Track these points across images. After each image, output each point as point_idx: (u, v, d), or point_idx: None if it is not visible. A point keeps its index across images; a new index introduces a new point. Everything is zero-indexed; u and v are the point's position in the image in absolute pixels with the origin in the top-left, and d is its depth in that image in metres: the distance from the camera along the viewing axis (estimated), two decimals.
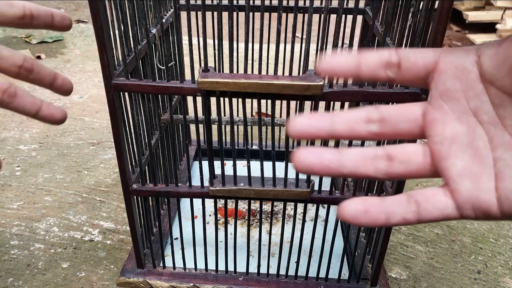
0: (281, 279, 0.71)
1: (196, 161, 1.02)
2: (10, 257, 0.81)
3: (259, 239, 0.67)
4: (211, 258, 0.74)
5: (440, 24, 0.48)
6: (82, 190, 0.98)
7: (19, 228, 0.88)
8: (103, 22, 0.51)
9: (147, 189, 0.64)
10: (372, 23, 0.53)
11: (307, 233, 0.81)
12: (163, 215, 0.82)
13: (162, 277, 0.71)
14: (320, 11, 0.77)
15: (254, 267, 0.74)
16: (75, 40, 1.84)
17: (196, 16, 0.83)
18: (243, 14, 0.82)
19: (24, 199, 0.95)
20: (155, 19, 0.68)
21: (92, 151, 1.12)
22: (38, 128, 1.21)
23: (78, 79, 1.50)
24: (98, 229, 0.88)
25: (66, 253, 0.82)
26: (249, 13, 0.49)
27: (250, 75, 0.52)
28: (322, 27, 0.51)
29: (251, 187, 0.60)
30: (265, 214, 0.87)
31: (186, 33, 0.53)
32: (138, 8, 0.55)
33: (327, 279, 0.70)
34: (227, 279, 0.71)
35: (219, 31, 0.50)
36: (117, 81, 0.55)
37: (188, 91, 0.54)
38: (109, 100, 0.56)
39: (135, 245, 0.69)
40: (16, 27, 0.40)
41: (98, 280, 0.76)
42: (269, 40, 0.88)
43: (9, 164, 1.06)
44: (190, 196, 0.64)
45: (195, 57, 1.70)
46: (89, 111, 1.31)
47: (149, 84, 0.55)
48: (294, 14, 0.50)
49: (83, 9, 2.36)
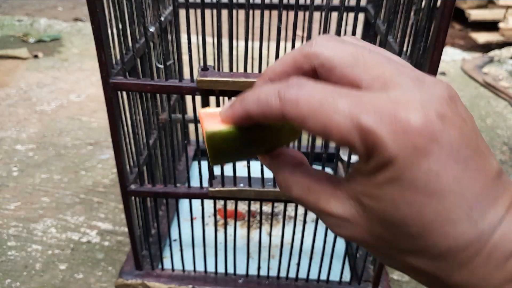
0: (282, 281, 0.70)
1: (195, 161, 1.01)
2: (7, 258, 0.80)
3: (259, 240, 0.66)
4: (210, 260, 0.73)
5: (442, 22, 0.47)
6: (79, 191, 0.97)
7: (16, 229, 0.87)
8: (101, 21, 0.50)
9: (145, 189, 0.63)
10: (374, 21, 0.52)
11: (308, 234, 0.80)
12: (161, 216, 0.81)
13: (161, 279, 0.70)
14: (321, 9, 0.76)
15: (254, 269, 0.73)
16: (73, 38, 1.83)
17: (195, 14, 0.82)
18: (243, 12, 0.82)
19: (21, 200, 0.94)
20: (154, 17, 0.67)
21: (90, 151, 1.11)
22: (35, 128, 1.20)
23: (76, 78, 1.49)
24: (96, 230, 0.87)
25: (64, 254, 0.81)
26: (249, 11, 0.48)
27: (250, 74, 0.51)
28: (323, 25, 0.50)
29: (251, 187, 0.59)
30: (265, 215, 0.86)
31: (185, 31, 0.53)
32: (136, 6, 0.54)
33: (328, 281, 0.70)
34: (227, 281, 0.70)
35: (219, 29, 0.49)
36: (115, 80, 0.54)
37: (187, 90, 0.54)
38: (107, 99, 0.55)
39: (133, 246, 0.68)
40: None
41: (96, 282, 0.76)
42: (269, 39, 0.87)
43: (6, 164, 1.05)
44: (189, 197, 0.63)
45: (194, 55, 1.69)
46: (87, 110, 1.30)
47: (147, 83, 0.54)
48: (294, 12, 0.49)
49: (81, 8, 2.35)
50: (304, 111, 0.19)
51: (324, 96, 0.19)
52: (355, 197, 0.20)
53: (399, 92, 0.19)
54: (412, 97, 0.18)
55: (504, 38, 2.01)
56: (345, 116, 0.18)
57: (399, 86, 0.19)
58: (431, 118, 0.18)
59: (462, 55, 1.77)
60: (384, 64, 0.20)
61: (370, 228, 0.20)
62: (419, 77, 0.20)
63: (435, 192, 0.18)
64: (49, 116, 1.26)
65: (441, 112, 0.18)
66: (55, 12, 2.30)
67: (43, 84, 1.44)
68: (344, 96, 0.19)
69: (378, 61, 0.20)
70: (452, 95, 0.19)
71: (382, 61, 0.20)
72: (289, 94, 0.20)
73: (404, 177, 0.18)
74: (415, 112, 0.18)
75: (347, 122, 0.18)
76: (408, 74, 0.20)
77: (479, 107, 1.37)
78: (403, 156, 0.17)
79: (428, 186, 0.18)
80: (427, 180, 0.18)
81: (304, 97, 0.19)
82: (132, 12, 0.53)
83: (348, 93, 0.19)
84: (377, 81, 0.19)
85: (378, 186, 0.19)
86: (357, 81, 0.20)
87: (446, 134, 0.18)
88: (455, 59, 1.72)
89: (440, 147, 0.18)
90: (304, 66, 0.22)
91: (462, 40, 2.11)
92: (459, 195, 0.18)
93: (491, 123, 1.29)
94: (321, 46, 0.21)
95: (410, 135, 0.17)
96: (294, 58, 0.22)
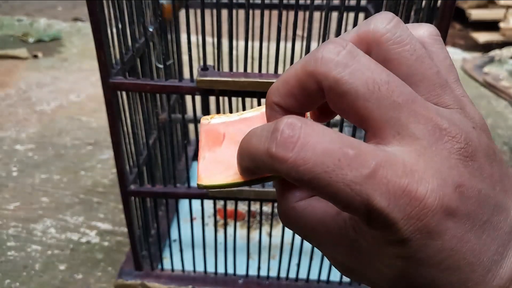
0: (282, 282, 0.70)
1: (195, 161, 1.01)
2: (7, 258, 0.80)
3: (259, 241, 0.66)
4: (210, 260, 0.73)
5: (443, 22, 0.47)
6: (79, 191, 0.97)
7: (15, 229, 0.86)
8: (100, 21, 0.50)
9: (145, 190, 0.63)
10: None
11: None
12: (161, 217, 0.81)
13: (161, 280, 0.70)
14: (321, 9, 0.76)
15: (254, 270, 0.73)
16: (73, 38, 1.83)
17: (195, 13, 0.82)
18: (243, 11, 0.81)
19: (21, 200, 0.94)
20: (153, 16, 0.67)
21: (90, 151, 1.11)
22: (35, 128, 1.20)
23: (76, 78, 1.49)
24: (96, 230, 0.87)
25: (63, 254, 0.81)
26: (249, 11, 0.48)
27: (250, 73, 0.51)
28: (323, 25, 0.50)
29: (251, 187, 0.59)
30: (265, 215, 0.86)
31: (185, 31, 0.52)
32: (136, 6, 0.54)
33: (328, 282, 0.70)
34: (227, 281, 0.70)
35: (219, 29, 0.49)
36: (114, 80, 0.53)
37: (187, 90, 0.53)
38: (107, 99, 0.55)
39: (133, 247, 0.68)
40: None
41: (96, 282, 0.75)
42: (269, 38, 0.87)
43: (5, 165, 1.05)
44: (189, 197, 0.63)
45: (194, 55, 1.69)
46: (86, 110, 1.30)
47: (147, 83, 0.54)
48: (294, 11, 0.49)
49: (81, 7, 2.35)
50: (305, 177, 0.16)
51: (328, 160, 0.16)
52: (363, 251, 0.19)
53: (413, 154, 0.17)
54: (428, 163, 0.16)
55: (505, 37, 2.01)
56: (356, 193, 0.16)
57: (414, 141, 0.17)
58: (448, 193, 0.16)
59: (463, 55, 1.77)
60: (400, 106, 0.17)
61: (380, 281, 0.19)
62: (437, 125, 0.17)
63: (449, 267, 0.17)
64: (49, 116, 1.26)
65: (459, 182, 0.16)
66: (54, 12, 2.30)
67: (42, 84, 1.44)
68: (355, 162, 0.16)
69: (393, 100, 0.17)
70: (474, 147, 0.17)
71: (398, 100, 0.17)
72: (282, 152, 0.16)
73: (416, 257, 0.17)
74: (431, 188, 0.16)
75: (356, 199, 0.16)
76: (426, 121, 0.17)
77: (480, 107, 1.37)
78: (416, 239, 0.16)
79: (442, 263, 0.17)
80: (441, 258, 0.17)
81: (305, 159, 0.16)
82: (131, 12, 0.53)
83: (358, 155, 0.16)
84: (390, 126, 0.17)
85: (389, 257, 0.17)
86: (367, 119, 0.17)
87: (463, 208, 0.16)
88: (455, 59, 1.71)
89: (456, 223, 0.16)
90: (310, 86, 0.18)
91: (463, 40, 2.11)
92: (475, 265, 0.17)
93: (492, 123, 1.29)
94: (329, 62, 0.17)
95: (424, 217, 0.16)
96: (297, 78, 0.18)
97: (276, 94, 0.19)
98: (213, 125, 0.22)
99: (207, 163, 0.21)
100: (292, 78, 0.18)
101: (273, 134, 0.16)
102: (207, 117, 0.22)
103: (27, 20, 2.00)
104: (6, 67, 1.55)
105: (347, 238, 0.19)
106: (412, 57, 0.18)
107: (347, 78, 0.17)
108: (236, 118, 0.22)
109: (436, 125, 0.17)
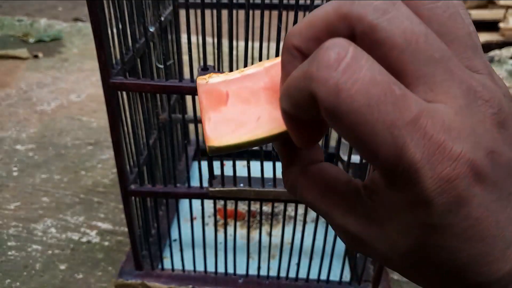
0: (282, 282, 0.70)
1: (195, 161, 1.01)
2: (7, 258, 0.80)
3: (259, 240, 0.66)
4: (210, 260, 0.73)
5: None
6: (79, 191, 0.97)
7: (16, 229, 0.87)
8: (101, 21, 0.50)
9: (145, 189, 0.63)
10: None
11: (308, 234, 0.80)
12: (161, 216, 0.81)
13: (161, 279, 0.70)
14: None
15: (254, 269, 0.73)
16: (73, 39, 1.83)
17: (195, 14, 0.82)
18: (243, 12, 0.81)
19: (21, 200, 0.94)
20: (154, 17, 0.67)
21: (90, 151, 1.11)
22: (35, 128, 1.20)
23: (76, 78, 1.49)
24: (96, 230, 0.87)
25: (64, 254, 0.81)
26: (249, 11, 0.48)
27: None
28: None
29: (251, 187, 0.59)
30: (265, 215, 0.86)
31: (185, 31, 0.52)
32: (136, 6, 0.54)
33: (328, 281, 0.70)
34: (227, 281, 0.70)
35: (219, 29, 0.49)
36: (115, 80, 0.54)
37: (187, 90, 0.54)
38: (107, 99, 0.55)
39: (133, 246, 0.68)
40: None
41: (96, 281, 0.76)
42: (269, 39, 0.87)
43: (6, 164, 1.05)
44: (189, 197, 0.63)
45: (194, 55, 1.69)
46: (87, 110, 1.30)
47: (147, 83, 0.54)
48: (294, 11, 0.49)
49: (81, 8, 2.35)
50: (342, 108, 0.14)
51: (374, 92, 0.14)
52: (378, 220, 0.17)
53: (451, 111, 0.15)
54: (465, 123, 0.15)
55: (504, 38, 2.01)
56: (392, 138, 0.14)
57: (451, 99, 0.15)
58: (480, 157, 0.15)
59: None
60: (436, 62, 0.15)
61: (392, 254, 0.18)
62: (472, 87, 0.16)
63: (472, 238, 0.16)
64: (49, 116, 1.26)
65: (492, 147, 0.15)
66: (55, 12, 2.30)
67: (43, 84, 1.44)
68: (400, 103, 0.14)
69: (430, 54, 0.15)
70: (506, 114, 0.16)
71: (435, 55, 0.15)
72: (324, 71, 0.14)
73: (438, 224, 0.16)
74: (466, 149, 0.15)
75: (390, 146, 0.14)
76: (461, 80, 0.16)
77: None
78: (441, 203, 0.15)
79: (466, 232, 0.16)
80: (465, 227, 0.16)
81: (349, 83, 0.14)
82: (132, 12, 0.53)
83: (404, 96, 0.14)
84: (423, 82, 0.16)
85: (407, 224, 0.16)
86: (399, 72, 0.15)
87: (493, 174, 0.15)
88: None
89: (483, 190, 0.15)
90: (340, 31, 0.16)
91: None
92: (498, 238, 0.16)
93: None
94: (367, 6, 0.15)
95: (454, 179, 0.15)
96: (327, 20, 0.16)
97: (297, 37, 0.17)
98: (213, 85, 0.20)
99: (215, 123, 0.19)
100: (320, 20, 0.16)
101: (316, 54, 0.15)
102: (204, 77, 0.21)
103: (28, 20, 2.00)
104: (7, 67, 1.55)
105: (360, 205, 0.18)
106: (445, 14, 0.17)
107: (384, 25, 0.15)
108: (237, 76, 0.21)
109: (471, 87, 0.16)
